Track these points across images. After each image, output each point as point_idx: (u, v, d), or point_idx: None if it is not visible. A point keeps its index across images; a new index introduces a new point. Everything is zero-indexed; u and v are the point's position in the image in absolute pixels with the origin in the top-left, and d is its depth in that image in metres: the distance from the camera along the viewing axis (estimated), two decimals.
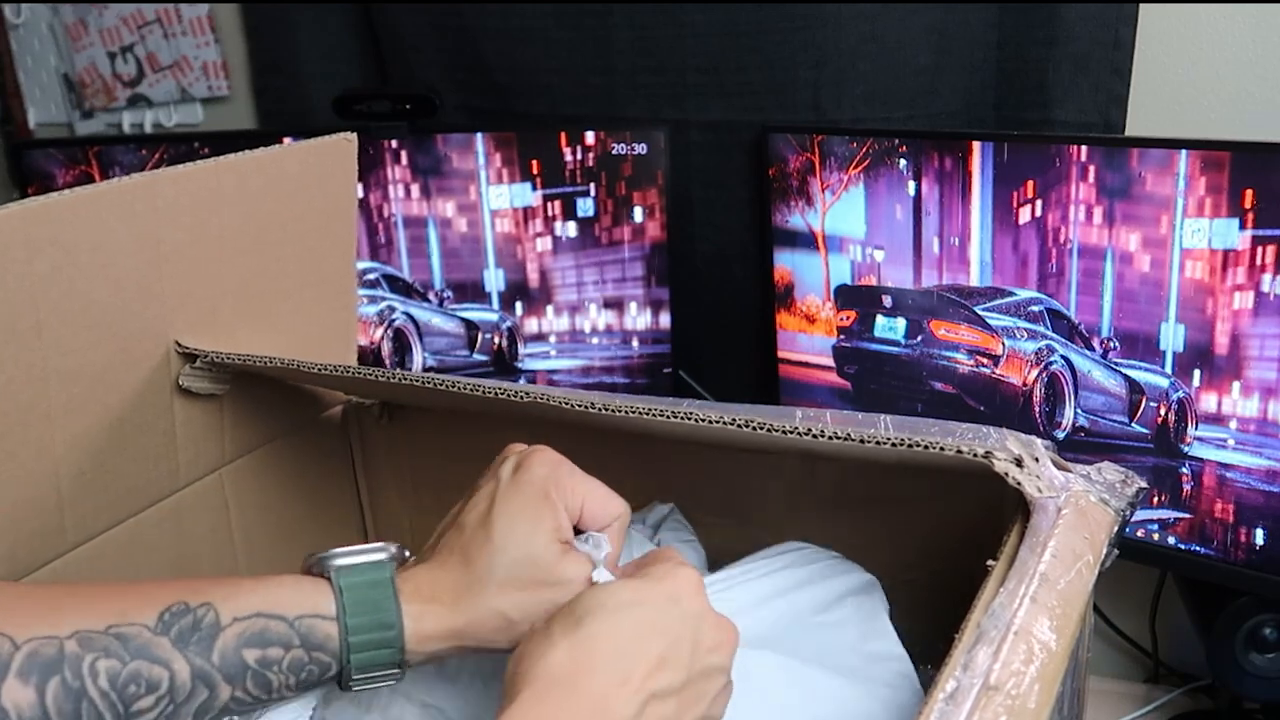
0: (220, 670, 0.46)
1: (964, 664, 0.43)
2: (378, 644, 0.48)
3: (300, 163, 0.73)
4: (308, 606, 0.48)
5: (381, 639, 0.48)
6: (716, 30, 1.12)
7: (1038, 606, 0.46)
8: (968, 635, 0.45)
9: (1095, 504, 0.53)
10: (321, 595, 0.48)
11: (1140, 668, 1.14)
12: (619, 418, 0.57)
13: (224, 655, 0.46)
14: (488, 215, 1.17)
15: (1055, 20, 1.02)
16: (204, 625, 0.46)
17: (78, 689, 0.43)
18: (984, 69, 1.07)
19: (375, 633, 0.48)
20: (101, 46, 1.46)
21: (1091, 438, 0.95)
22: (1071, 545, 0.50)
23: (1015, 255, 0.95)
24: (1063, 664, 0.44)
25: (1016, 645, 0.44)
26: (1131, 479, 0.56)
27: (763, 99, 1.13)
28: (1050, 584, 0.48)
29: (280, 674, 0.47)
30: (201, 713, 0.46)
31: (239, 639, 0.46)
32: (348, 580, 0.49)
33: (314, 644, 0.48)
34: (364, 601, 0.48)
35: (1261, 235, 0.82)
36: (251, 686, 0.47)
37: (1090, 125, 1.03)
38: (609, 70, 1.18)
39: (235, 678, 0.46)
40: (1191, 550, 0.92)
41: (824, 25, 1.08)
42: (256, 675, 0.47)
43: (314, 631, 0.48)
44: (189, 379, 0.69)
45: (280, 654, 0.47)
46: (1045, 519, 0.51)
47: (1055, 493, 0.53)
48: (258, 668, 0.47)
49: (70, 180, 1.25)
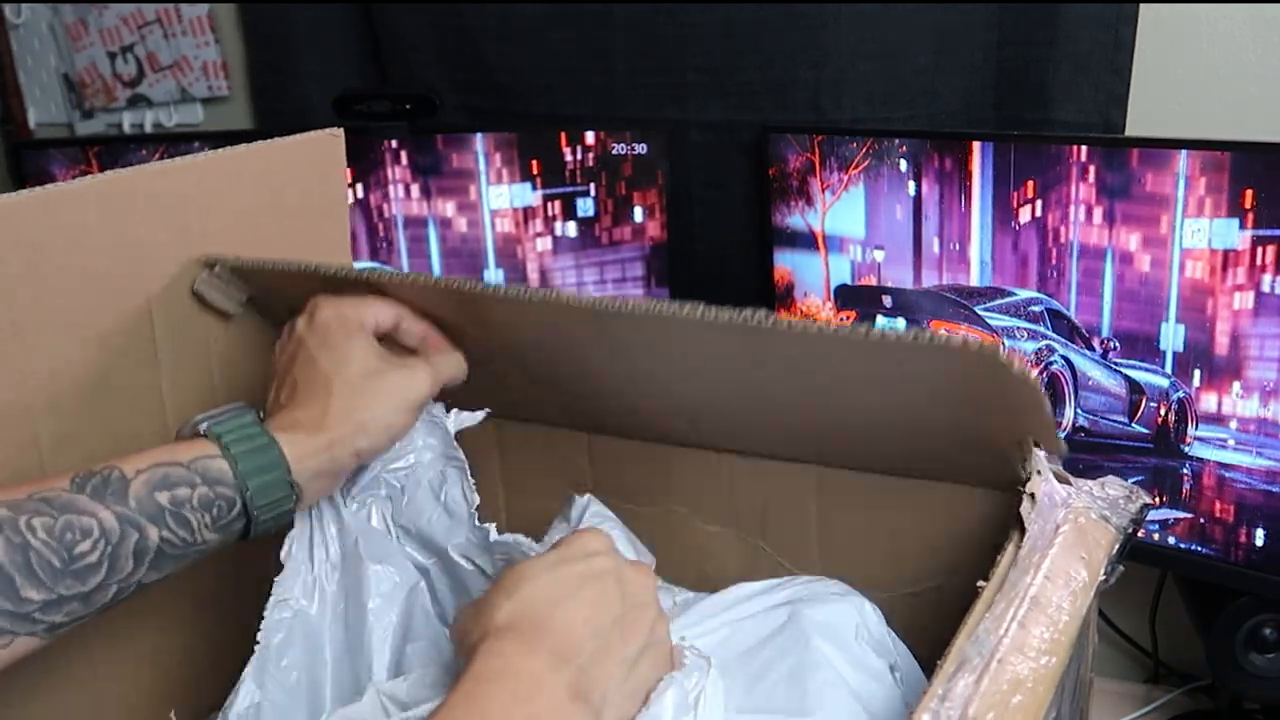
0: (140, 513, 0.52)
1: (942, 694, 0.42)
2: (265, 468, 0.55)
3: (286, 159, 0.73)
4: (196, 451, 0.55)
5: (267, 463, 0.55)
6: (716, 30, 1.12)
7: (1025, 632, 0.45)
8: (949, 662, 0.43)
9: (1096, 521, 0.51)
10: (204, 444, 0.55)
11: (1140, 668, 1.14)
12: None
13: (139, 500, 0.52)
14: (488, 215, 1.17)
15: (1055, 20, 1.02)
16: (112, 480, 0.52)
17: (21, 543, 0.48)
18: (984, 69, 1.07)
19: (259, 457, 0.55)
20: (101, 46, 1.46)
21: (1091, 438, 0.95)
22: (1067, 565, 0.48)
23: (1015, 255, 0.95)
24: (1049, 692, 0.43)
25: (1000, 673, 0.42)
26: (1136, 494, 0.54)
27: (763, 99, 1.13)
28: (1041, 607, 0.46)
29: (195, 512, 0.53)
30: (140, 554, 0.52)
31: (147, 485, 0.52)
32: (220, 427, 0.56)
33: (213, 479, 0.54)
34: (241, 438, 0.55)
35: (1261, 235, 0.82)
36: (175, 525, 0.53)
37: (1090, 125, 1.03)
38: (609, 70, 1.18)
39: (156, 518, 0.52)
40: (1191, 550, 0.92)
41: (824, 25, 1.08)
42: (174, 515, 0.53)
43: (209, 469, 0.54)
44: (204, 284, 0.68)
45: (188, 493, 0.53)
46: (1040, 537, 0.49)
47: (1053, 509, 0.51)
48: (172, 507, 0.53)
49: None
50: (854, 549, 0.67)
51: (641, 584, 0.54)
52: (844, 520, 0.67)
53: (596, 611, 0.51)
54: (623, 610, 0.51)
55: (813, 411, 0.62)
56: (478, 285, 0.59)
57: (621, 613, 0.51)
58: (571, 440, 0.75)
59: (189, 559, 0.55)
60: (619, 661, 0.50)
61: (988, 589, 0.47)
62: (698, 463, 0.71)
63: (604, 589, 0.52)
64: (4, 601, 0.47)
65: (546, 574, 0.51)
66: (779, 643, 0.59)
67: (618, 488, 0.74)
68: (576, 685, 0.48)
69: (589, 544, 0.54)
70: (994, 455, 0.57)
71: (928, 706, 0.41)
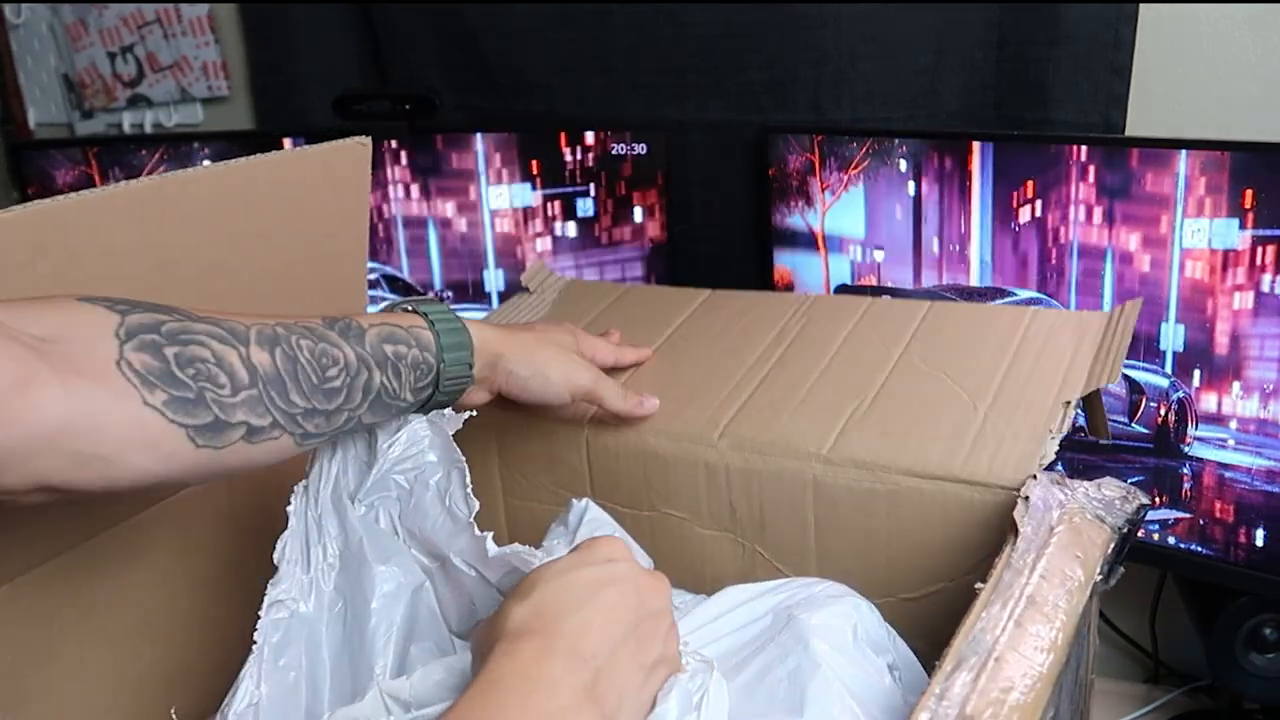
0: (373, 356, 0.59)
1: (939, 693, 0.42)
2: (457, 346, 0.64)
3: (312, 167, 0.73)
4: (410, 321, 0.63)
5: (459, 342, 0.64)
6: (716, 30, 1.12)
7: (1022, 631, 0.45)
8: (947, 661, 0.43)
9: (1091, 521, 0.52)
10: (415, 318, 0.63)
11: (1140, 668, 1.14)
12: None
13: (372, 346, 0.59)
14: (487, 215, 1.17)
15: (1055, 20, 1.02)
16: (354, 327, 0.59)
17: (292, 355, 0.55)
18: (984, 69, 1.07)
19: (455, 338, 0.64)
20: (101, 46, 1.46)
21: (1091, 437, 0.95)
22: (1062, 565, 0.49)
23: (1015, 255, 0.95)
24: (1047, 690, 0.43)
25: (997, 672, 0.42)
26: (1133, 495, 0.54)
27: (763, 99, 1.13)
28: (1037, 606, 0.46)
29: (407, 369, 0.61)
30: (367, 391, 0.59)
31: (379, 336, 0.60)
32: (426, 307, 0.64)
33: (424, 344, 0.62)
34: (442, 319, 0.64)
35: (1261, 235, 0.82)
36: (391, 375, 0.60)
37: (1090, 125, 1.03)
38: (609, 70, 1.18)
39: (381, 364, 0.60)
40: (1191, 550, 0.92)
41: (824, 25, 1.08)
42: (393, 366, 0.60)
43: (422, 337, 0.62)
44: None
45: (406, 350, 0.61)
46: (1036, 538, 0.50)
47: (1048, 510, 0.51)
48: (394, 359, 0.60)
49: (70, 180, 1.25)
50: (851, 554, 0.67)
51: (657, 592, 0.53)
52: (841, 525, 0.67)
53: (612, 617, 0.50)
54: (638, 618, 0.51)
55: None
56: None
57: (637, 620, 0.51)
58: (570, 442, 0.75)
59: (391, 413, 0.62)
60: (634, 668, 0.50)
61: (984, 589, 0.47)
62: (695, 466, 0.71)
63: (621, 595, 0.51)
64: (279, 399, 0.54)
65: (561, 577, 0.51)
66: (777, 645, 0.58)
67: (614, 491, 0.74)
68: (592, 688, 0.47)
69: (607, 550, 0.54)
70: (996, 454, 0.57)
71: (926, 705, 0.41)
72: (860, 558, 0.67)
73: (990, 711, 0.41)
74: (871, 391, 0.71)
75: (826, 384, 0.73)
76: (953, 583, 0.63)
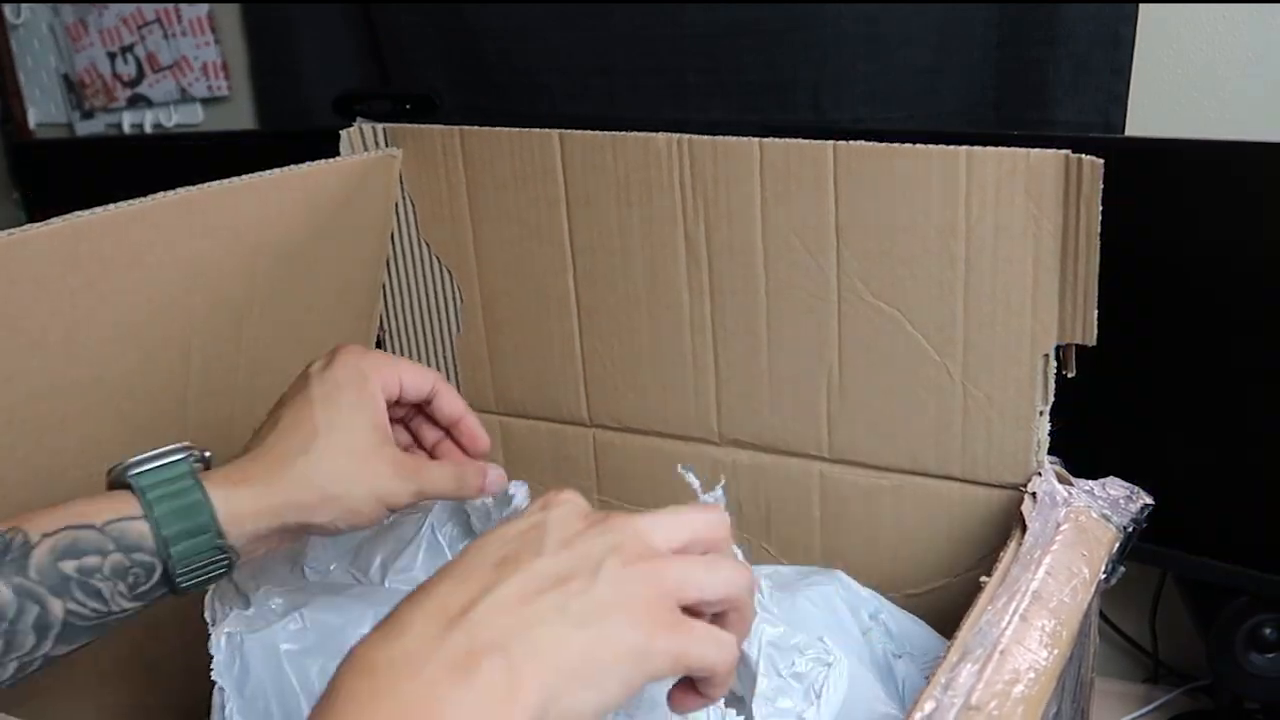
0: (42, 584, 0.47)
1: (945, 682, 0.42)
2: (191, 532, 0.49)
3: (342, 179, 0.72)
4: (113, 512, 0.49)
5: (194, 525, 0.49)
6: (716, 30, 1.12)
7: (1027, 624, 0.45)
8: (952, 653, 0.44)
9: (1096, 520, 0.52)
10: (124, 500, 0.49)
11: (1140, 668, 1.14)
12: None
13: (41, 570, 0.47)
14: None
15: (1055, 20, 1.02)
16: (14, 547, 0.47)
17: None
18: (984, 69, 1.07)
19: (186, 520, 0.49)
20: (101, 47, 1.46)
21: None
22: (1068, 562, 0.49)
23: None
24: (1051, 684, 0.43)
25: (1003, 664, 0.43)
26: (1137, 494, 0.55)
27: (763, 99, 1.13)
28: (1043, 602, 0.46)
29: (106, 581, 0.48)
30: (44, 630, 0.47)
31: (51, 553, 0.47)
32: (146, 480, 0.50)
33: (129, 545, 0.48)
34: (167, 494, 0.49)
35: None
36: (82, 597, 0.47)
37: (1090, 125, 1.03)
38: (609, 70, 1.18)
39: (60, 590, 0.47)
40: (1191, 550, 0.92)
41: (824, 25, 1.08)
42: (82, 585, 0.47)
43: (126, 533, 0.48)
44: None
45: (98, 561, 0.48)
46: (1042, 534, 0.50)
47: (1054, 507, 0.52)
48: (79, 577, 0.47)
49: (70, 180, 1.25)
50: (858, 550, 0.68)
51: (605, 526, 0.42)
52: (848, 521, 0.68)
53: (503, 566, 0.40)
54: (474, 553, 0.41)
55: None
56: None
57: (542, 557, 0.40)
58: (577, 441, 0.75)
59: (109, 627, 0.49)
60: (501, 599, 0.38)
61: (990, 583, 0.48)
62: (702, 462, 0.71)
63: (522, 540, 0.41)
64: None
65: (486, 535, 0.42)
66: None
67: (621, 487, 0.74)
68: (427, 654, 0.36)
69: (550, 496, 0.44)
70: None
71: (931, 694, 0.41)
72: (865, 554, 0.67)
73: (995, 703, 0.41)
74: (833, 355, 0.65)
75: (780, 351, 0.66)
76: (956, 578, 0.63)
